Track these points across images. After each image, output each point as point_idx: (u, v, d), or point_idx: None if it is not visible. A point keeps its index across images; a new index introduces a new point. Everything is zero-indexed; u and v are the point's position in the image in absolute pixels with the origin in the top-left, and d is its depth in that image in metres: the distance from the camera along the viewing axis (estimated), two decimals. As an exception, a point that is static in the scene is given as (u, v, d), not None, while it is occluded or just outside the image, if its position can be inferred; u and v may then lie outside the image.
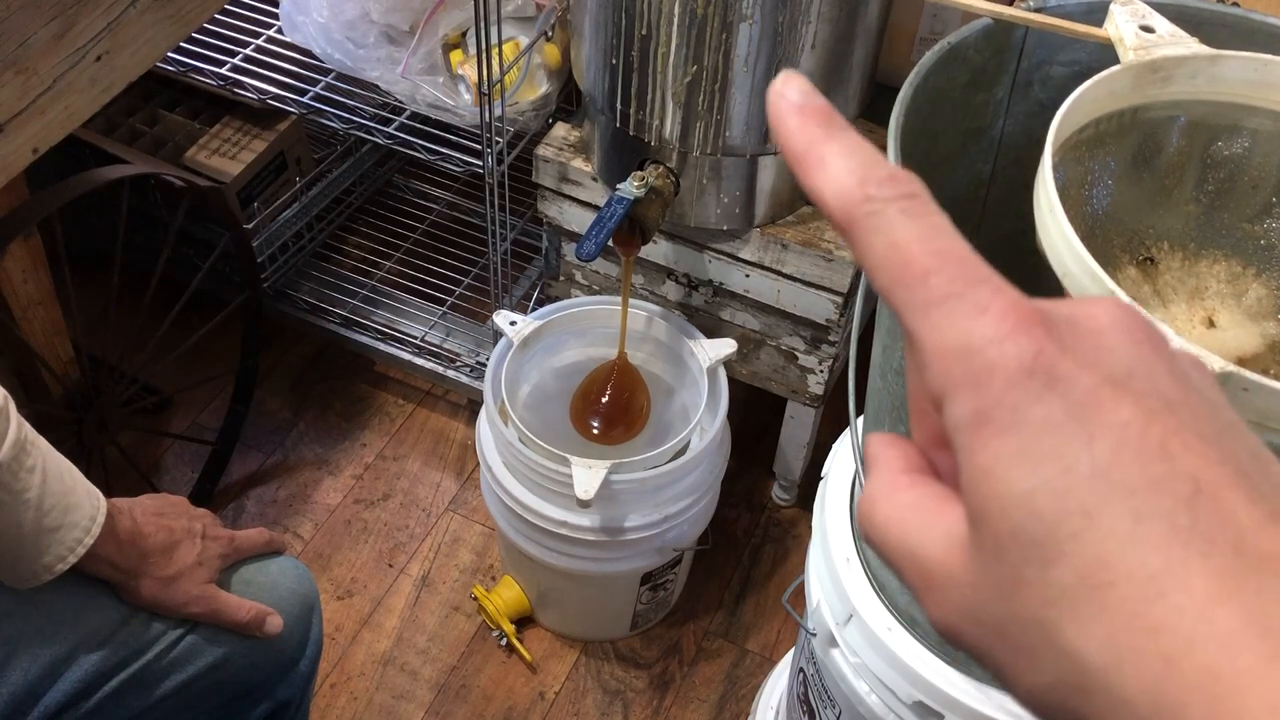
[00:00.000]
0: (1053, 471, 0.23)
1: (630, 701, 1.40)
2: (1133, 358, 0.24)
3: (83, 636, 0.78)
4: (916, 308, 0.25)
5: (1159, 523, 0.23)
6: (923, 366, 0.26)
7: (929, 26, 1.24)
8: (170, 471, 1.58)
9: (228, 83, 1.46)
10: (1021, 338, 0.24)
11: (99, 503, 0.76)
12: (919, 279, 0.25)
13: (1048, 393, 0.24)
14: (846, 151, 0.27)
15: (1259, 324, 0.67)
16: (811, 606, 0.95)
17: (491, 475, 1.25)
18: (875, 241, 0.26)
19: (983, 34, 0.72)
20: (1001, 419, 0.24)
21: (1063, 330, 0.24)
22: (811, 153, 0.27)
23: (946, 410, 0.25)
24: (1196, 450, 0.23)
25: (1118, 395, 0.24)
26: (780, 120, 0.28)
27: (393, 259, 1.76)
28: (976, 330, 0.24)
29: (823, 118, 0.27)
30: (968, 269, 0.25)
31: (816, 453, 1.48)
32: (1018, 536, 0.24)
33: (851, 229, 0.26)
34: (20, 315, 1.19)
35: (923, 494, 0.27)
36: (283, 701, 0.91)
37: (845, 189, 0.26)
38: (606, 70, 1.11)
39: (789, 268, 1.22)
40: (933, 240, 0.26)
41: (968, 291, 0.25)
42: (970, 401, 0.24)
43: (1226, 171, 0.68)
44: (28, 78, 0.99)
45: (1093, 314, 0.25)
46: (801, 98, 0.28)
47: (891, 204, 0.26)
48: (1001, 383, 0.24)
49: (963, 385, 0.25)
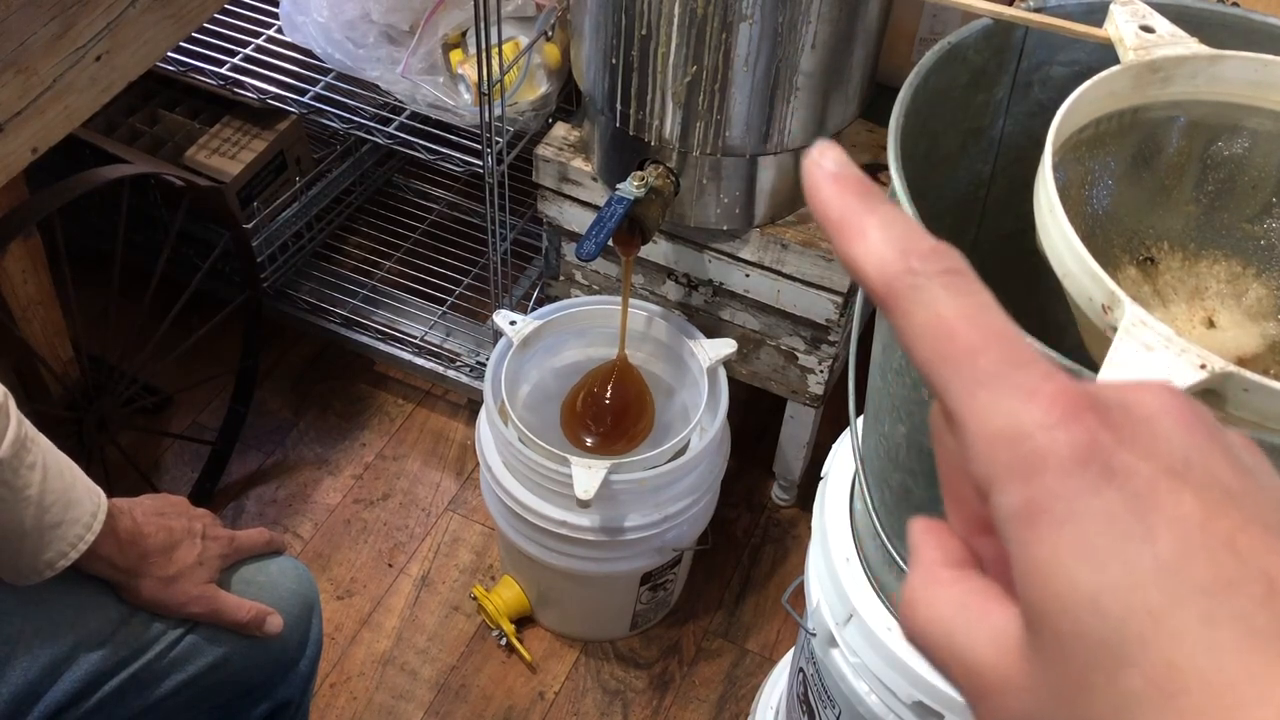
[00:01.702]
0: (1117, 569, 0.22)
1: (630, 701, 1.40)
2: (1189, 446, 0.23)
3: (83, 636, 0.78)
4: (961, 387, 0.24)
5: (1234, 626, 0.21)
6: (966, 449, 0.24)
7: (929, 26, 1.24)
8: (170, 471, 1.58)
9: (228, 82, 1.46)
10: (1074, 424, 0.23)
11: (100, 500, 0.76)
12: (964, 357, 0.24)
13: (1105, 484, 0.23)
14: (887, 222, 0.26)
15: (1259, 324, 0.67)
16: (811, 606, 0.95)
17: (491, 475, 1.25)
18: (917, 315, 0.25)
19: (983, 34, 0.72)
20: (1057, 511, 0.23)
21: (1115, 417, 0.23)
22: (850, 222, 0.26)
23: (995, 499, 0.24)
24: (1265, 546, 0.22)
25: (1178, 487, 0.23)
26: (816, 188, 0.27)
27: (393, 259, 1.76)
28: (1026, 415, 0.23)
29: (860, 188, 0.27)
30: (1015, 349, 0.24)
31: (816, 453, 1.48)
32: (1082, 639, 0.22)
33: (892, 301, 0.26)
34: (20, 315, 1.19)
35: (967, 590, 0.26)
36: (283, 701, 0.91)
37: (886, 260, 0.26)
38: (606, 70, 1.11)
39: (789, 268, 1.22)
40: (979, 317, 0.25)
41: (1016, 373, 0.24)
42: (1021, 491, 0.23)
43: (1226, 172, 0.68)
44: (28, 77, 0.99)
45: (1143, 400, 0.24)
46: (837, 167, 0.27)
47: (935, 278, 0.25)
48: (1055, 472, 0.23)
49: (1013, 474, 0.23)
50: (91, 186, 1.18)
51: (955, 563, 0.27)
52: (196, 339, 1.40)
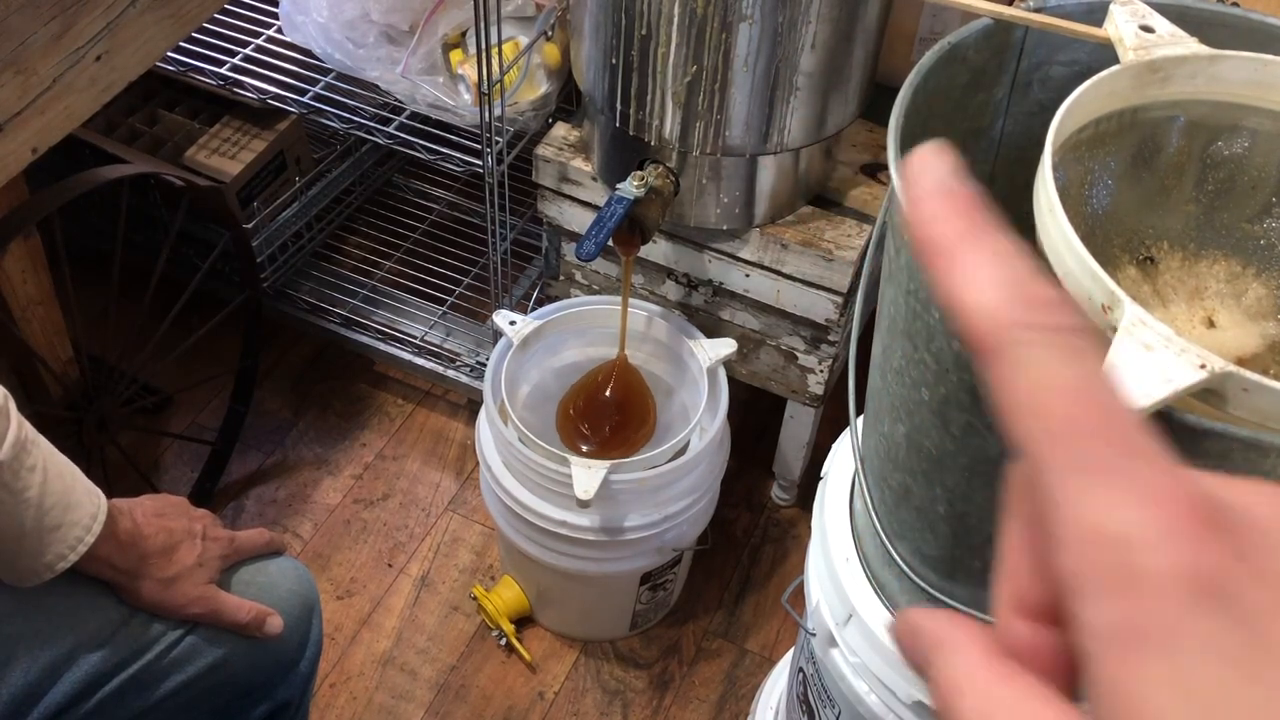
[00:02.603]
0: (1223, 716, 0.19)
1: (630, 701, 1.40)
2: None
3: (83, 637, 0.78)
4: (1061, 469, 0.21)
5: None
6: (1057, 540, 0.22)
7: (929, 26, 1.24)
8: (170, 471, 1.58)
9: (227, 82, 1.46)
10: (1187, 541, 0.20)
11: (99, 501, 0.76)
12: (1070, 436, 0.21)
13: (1220, 614, 0.20)
14: (998, 259, 0.23)
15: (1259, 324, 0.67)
16: (811, 606, 0.95)
17: (491, 475, 1.25)
18: (1022, 377, 0.22)
19: (983, 34, 0.72)
20: (1158, 639, 0.20)
21: (1239, 532, 0.21)
22: (955, 254, 0.23)
23: (1082, 608, 0.21)
24: None
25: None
26: (918, 205, 0.24)
27: (393, 259, 1.76)
28: (1134, 519, 0.20)
29: (970, 211, 0.23)
30: (1130, 436, 0.21)
31: (816, 453, 1.48)
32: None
33: (995, 355, 0.22)
34: (20, 315, 1.19)
35: (1024, 693, 0.22)
36: (283, 702, 0.91)
37: (995, 305, 0.22)
38: (606, 70, 1.11)
39: (789, 267, 1.22)
40: (1092, 391, 0.22)
41: (1127, 466, 0.21)
42: (1117, 608, 0.20)
43: (1226, 171, 0.68)
44: (28, 77, 0.99)
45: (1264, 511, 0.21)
46: (946, 183, 0.24)
47: (1049, 335, 0.22)
48: (1160, 594, 0.20)
49: (1110, 586, 0.21)
50: (91, 186, 1.18)
51: (1000, 654, 0.24)
52: (196, 339, 1.40)
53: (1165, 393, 0.46)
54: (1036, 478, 0.22)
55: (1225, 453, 0.53)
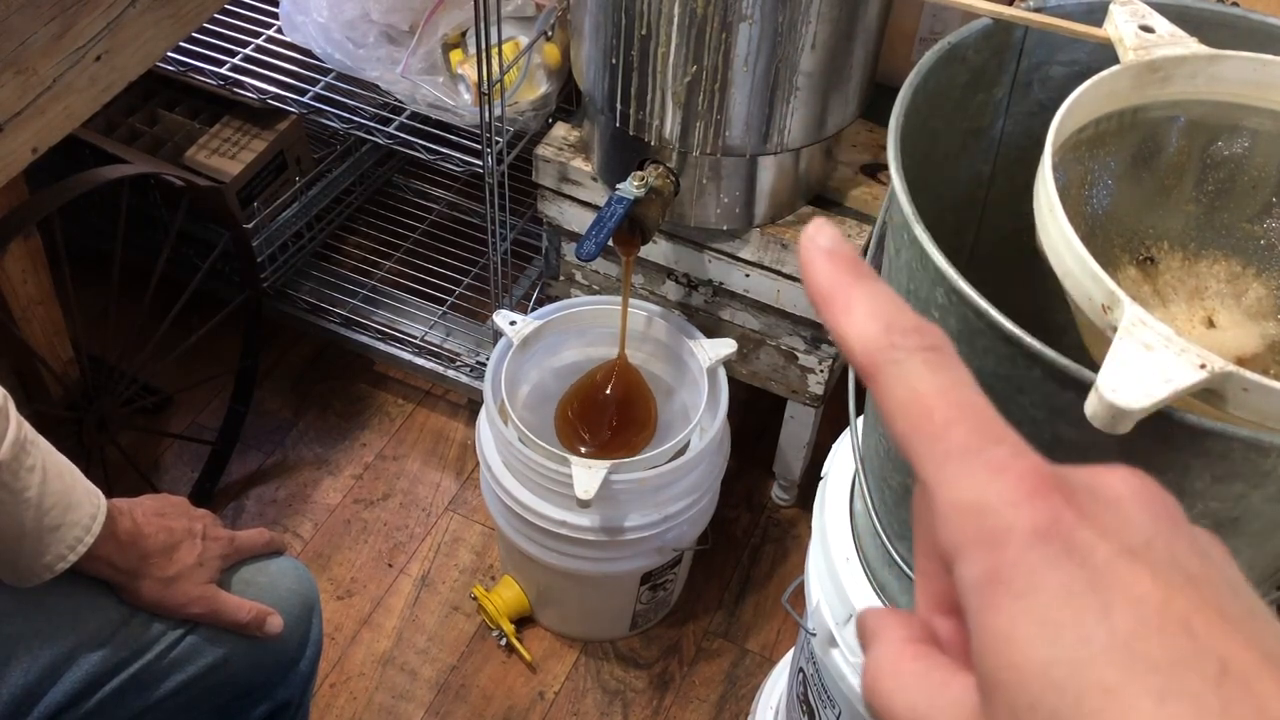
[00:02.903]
0: (1072, 642, 0.22)
1: (630, 701, 1.40)
2: (1152, 530, 0.24)
3: (83, 637, 0.78)
4: (934, 459, 0.25)
5: (1185, 705, 0.21)
6: (935, 520, 0.25)
7: (929, 26, 1.24)
8: (170, 471, 1.58)
9: (228, 82, 1.46)
10: (1039, 501, 0.24)
11: (99, 502, 0.76)
12: (938, 431, 0.25)
13: (1065, 560, 0.23)
14: (873, 297, 0.27)
15: (1259, 324, 0.67)
16: (811, 606, 0.95)
17: (491, 475, 1.25)
18: (896, 389, 0.26)
19: (983, 34, 0.72)
20: (1016, 582, 0.23)
21: (1081, 497, 0.24)
22: (838, 297, 0.27)
23: (958, 569, 0.25)
24: (1221, 630, 0.22)
25: (1137, 566, 0.23)
26: (810, 263, 0.28)
27: (393, 259, 1.76)
28: (994, 489, 0.24)
29: (852, 265, 0.28)
30: (989, 425, 0.25)
31: (816, 453, 1.48)
32: (1035, 710, 0.23)
33: (874, 375, 0.26)
34: (20, 315, 1.19)
35: (930, 664, 0.26)
36: (283, 702, 0.91)
37: (870, 335, 0.27)
38: (606, 70, 1.11)
39: (789, 267, 1.22)
40: (955, 393, 0.26)
41: (987, 448, 0.25)
42: (983, 561, 0.24)
43: (1226, 171, 0.68)
44: (28, 77, 0.99)
45: (1111, 483, 0.25)
46: (832, 244, 0.28)
47: (915, 354, 0.26)
48: (1017, 545, 0.23)
49: (976, 544, 0.24)
50: (91, 186, 1.18)
51: (917, 639, 0.27)
52: (196, 339, 1.40)
53: (1165, 393, 0.46)
54: (919, 476, 0.26)
55: (1225, 453, 0.53)
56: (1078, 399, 0.48)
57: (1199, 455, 0.53)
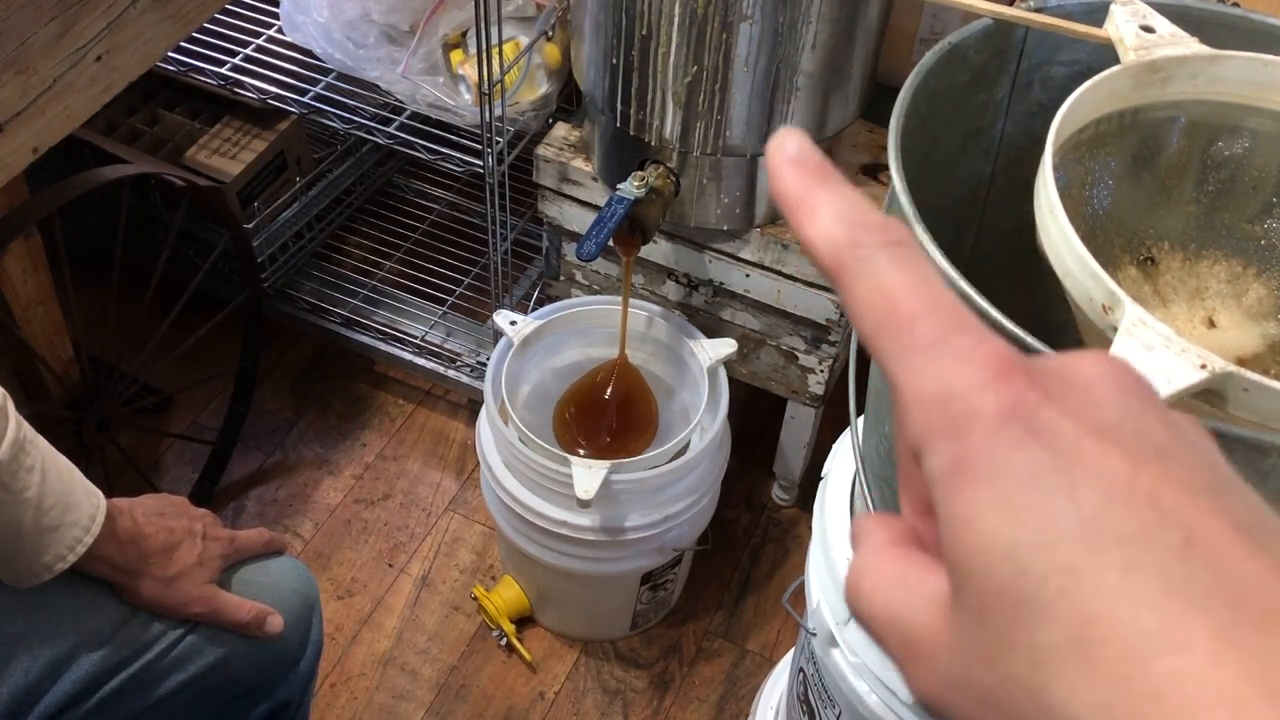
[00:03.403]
0: (1037, 523, 0.22)
1: (630, 701, 1.40)
2: (1121, 409, 0.24)
3: (83, 636, 0.78)
4: (899, 354, 0.25)
5: (1150, 576, 0.21)
6: (902, 415, 0.25)
7: (929, 26, 1.24)
8: (170, 471, 1.58)
9: (228, 82, 1.46)
10: (1003, 386, 0.23)
11: (99, 502, 0.76)
12: (904, 325, 0.25)
13: (1030, 442, 0.23)
14: (838, 200, 0.27)
15: (1259, 324, 0.67)
16: (811, 606, 0.95)
17: (491, 475, 1.25)
18: (862, 287, 0.26)
19: (983, 34, 0.72)
20: (981, 468, 0.23)
21: (1048, 380, 0.24)
22: (804, 201, 0.27)
23: (925, 460, 0.24)
24: (1190, 501, 0.22)
25: (1104, 445, 0.23)
26: (776, 170, 0.28)
27: (393, 259, 1.76)
28: (958, 377, 0.24)
29: (818, 170, 0.28)
30: (953, 317, 0.25)
31: (816, 453, 1.48)
32: (1002, 594, 0.22)
33: (840, 274, 0.26)
34: (20, 315, 1.19)
35: (909, 565, 0.26)
36: (283, 701, 0.91)
37: (835, 235, 0.26)
38: (607, 70, 1.11)
39: (789, 268, 1.22)
40: (920, 288, 0.25)
41: (951, 338, 0.24)
42: (948, 450, 0.24)
43: (1227, 172, 0.68)
44: (28, 77, 0.99)
45: (1079, 366, 0.25)
46: (799, 152, 0.28)
47: (880, 250, 0.26)
48: (981, 430, 0.23)
49: (941, 433, 0.24)
50: (91, 186, 1.18)
51: (900, 542, 0.27)
52: (196, 339, 1.40)
53: (1166, 393, 0.46)
54: (885, 373, 0.25)
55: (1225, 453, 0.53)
56: (1078, 399, 0.47)
57: (1199, 455, 0.53)
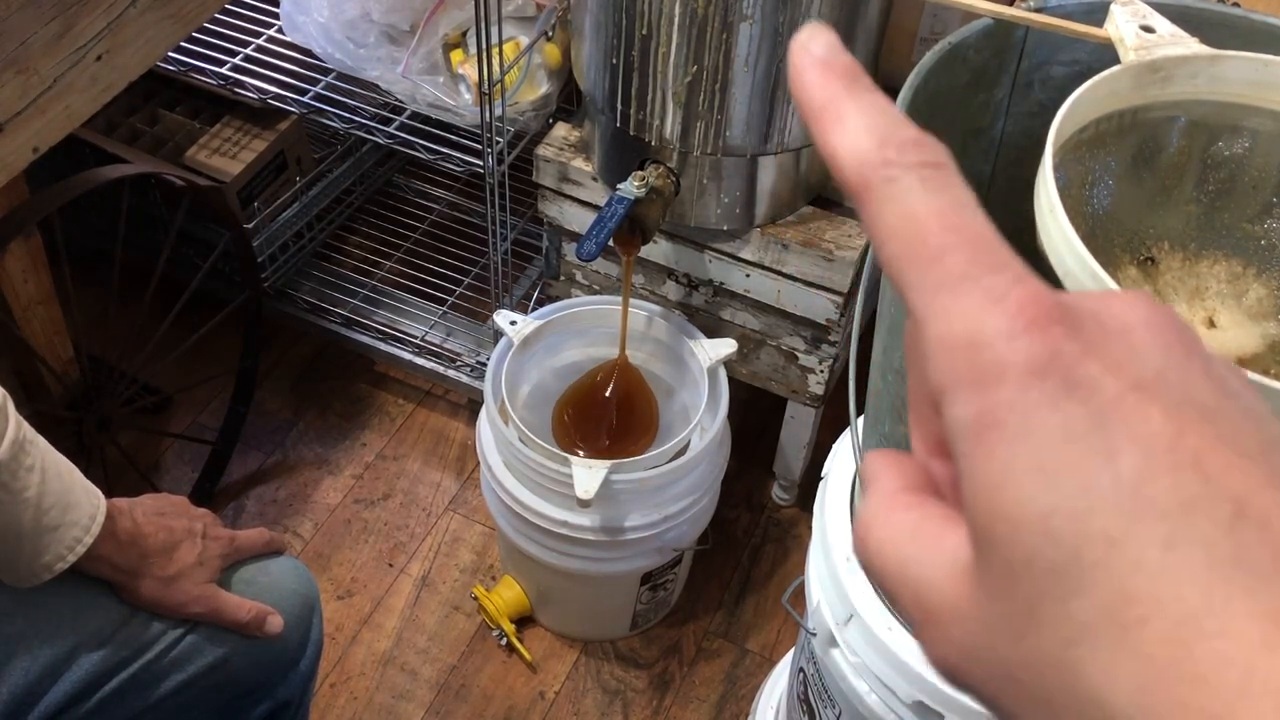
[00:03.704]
0: (1072, 489, 0.20)
1: (630, 701, 1.40)
2: (1164, 361, 0.21)
3: (83, 636, 0.78)
4: (926, 289, 0.22)
5: (1195, 551, 0.19)
6: (924, 356, 0.23)
7: (929, 26, 1.24)
8: (170, 471, 1.58)
9: (228, 82, 1.46)
10: (1037, 334, 0.21)
11: (98, 502, 0.76)
12: (932, 257, 0.22)
13: (1065, 398, 0.21)
14: (869, 110, 0.24)
15: (1259, 324, 0.67)
16: (811, 606, 0.95)
17: (491, 475, 1.25)
18: (888, 210, 0.23)
19: (983, 34, 0.72)
20: (1011, 424, 0.21)
21: (1087, 328, 0.22)
22: (830, 109, 0.24)
23: (946, 410, 0.22)
24: (1238, 467, 0.20)
25: (1146, 402, 0.21)
26: (799, 73, 0.25)
27: (393, 259, 1.76)
28: (989, 321, 0.21)
29: (848, 74, 0.25)
30: (988, 251, 0.22)
31: (816, 453, 1.48)
32: (1032, 564, 0.21)
33: (865, 194, 0.24)
34: (20, 315, 1.19)
35: (924, 515, 0.24)
36: (283, 701, 0.91)
37: (863, 149, 0.24)
38: (607, 70, 1.11)
39: (789, 268, 1.22)
40: (953, 215, 0.23)
41: (984, 276, 0.22)
42: (974, 402, 0.21)
43: (1227, 172, 0.68)
44: (28, 77, 0.99)
45: (1119, 311, 0.22)
46: (827, 52, 0.25)
47: (912, 170, 0.23)
48: (1013, 383, 0.21)
49: (968, 383, 0.22)
50: (91, 186, 1.18)
51: (913, 488, 0.25)
52: (196, 339, 1.40)
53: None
54: (909, 305, 0.23)
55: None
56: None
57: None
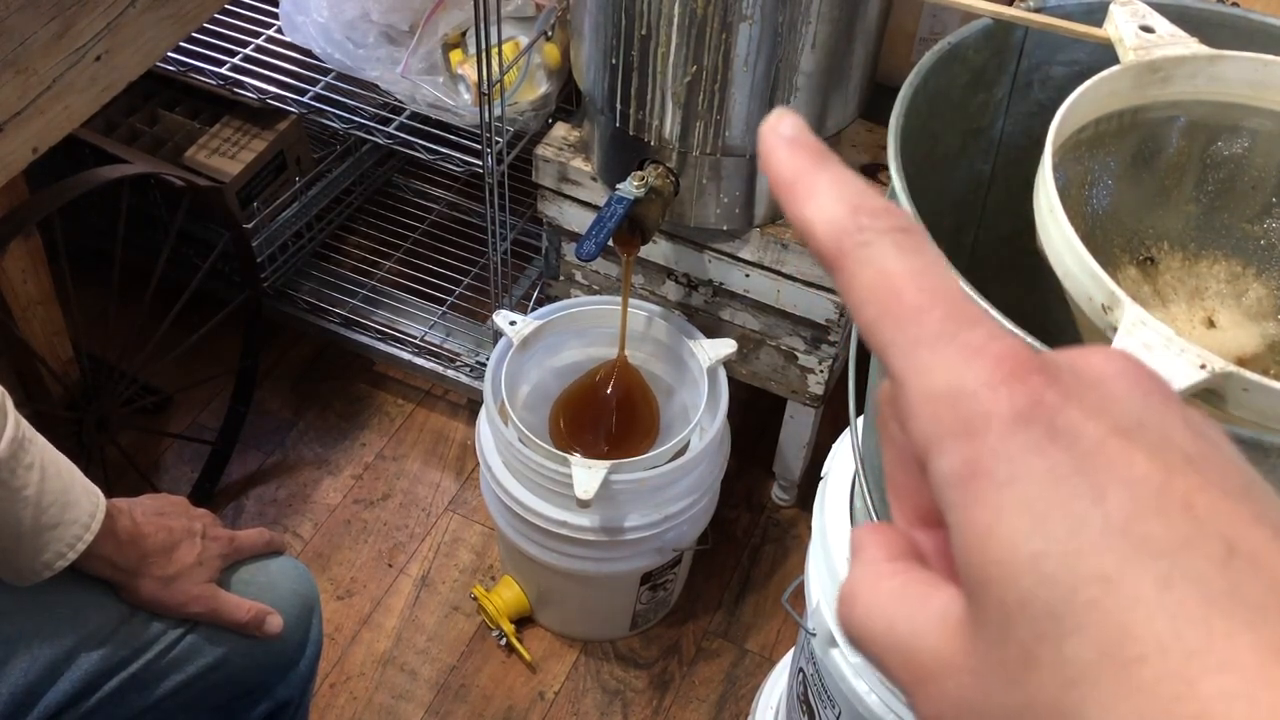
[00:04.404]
0: (1062, 530, 0.21)
1: (630, 701, 1.40)
2: (1142, 408, 0.22)
3: (83, 636, 0.78)
4: (904, 346, 0.23)
5: (1192, 588, 0.20)
6: (906, 414, 0.23)
7: (929, 26, 1.24)
8: (170, 471, 1.58)
9: (227, 82, 1.46)
10: (1018, 383, 0.22)
11: (98, 501, 0.76)
12: (909, 316, 0.23)
13: (1050, 444, 0.21)
14: (838, 181, 0.26)
15: (1259, 324, 0.67)
16: (811, 606, 0.95)
17: (491, 475, 1.25)
18: (864, 273, 0.24)
19: (983, 34, 0.72)
20: (998, 470, 0.21)
21: (1064, 378, 0.22)
22: (801, 182, 0.26)
23: (933, 464, 0.23)
24: (1226, 508, 0.21)
25: (1129, 447, 0.21)
26: (770, 151, 0.26)
27: (393, 259, 1.76)
28: (970, 374, 0.22)
29: (815, 151, 0.26)
30: (963, 309, 0.23)
31: (816, 453, 1.48)
32: (1026, 607, 0.21)
33: (840, 260, 0.25)
34: (20, 315, 1.19)
35: (909, 579, 0.24)
36: (282, 701, 0.91)
37: (836, 217, 0.25)
38: (606, 70, 1.11)
39: (789, 268, 1.22)
40: (927, 276, 0.24)
41: (961, 332, 0.23)
42: (960, 451, 0.22)
43: (1226, 172, 0.68)
44: (28, 77, 0.99)
45: (1094, 362, 0.23)
46: (795, 132, 0.26)
47: (885, 235, 0.24)
48: (997, 431, 0.22)
49: (953, 434, 0.22)
50: (91, 186, 1.18)
51: (897, 556, 0.25)
52: (196, 339, 1.40)
53: (1166, 392, 0.46)
54: (886, 367, 0.24)
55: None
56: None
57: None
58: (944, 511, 0.23)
